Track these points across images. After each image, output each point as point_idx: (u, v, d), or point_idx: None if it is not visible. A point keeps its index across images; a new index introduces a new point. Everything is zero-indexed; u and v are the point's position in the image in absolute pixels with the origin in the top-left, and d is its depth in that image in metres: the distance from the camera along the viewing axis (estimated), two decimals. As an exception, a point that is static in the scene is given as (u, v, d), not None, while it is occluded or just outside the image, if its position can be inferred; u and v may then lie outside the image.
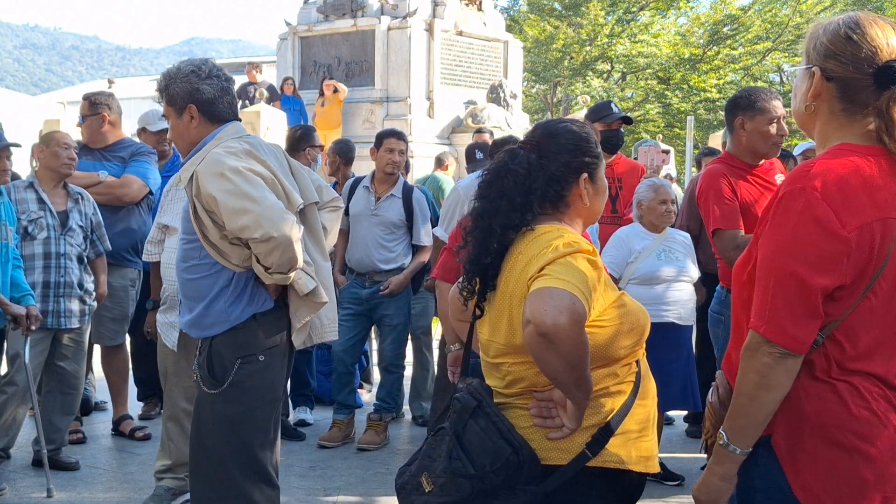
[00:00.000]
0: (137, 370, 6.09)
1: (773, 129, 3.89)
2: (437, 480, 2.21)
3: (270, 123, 12.45)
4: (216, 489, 3.25)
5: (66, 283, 4.91)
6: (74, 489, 4.74)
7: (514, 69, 16.01)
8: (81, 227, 5.04)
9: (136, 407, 6.14)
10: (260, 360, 3.22)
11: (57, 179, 5.03)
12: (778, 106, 3.93)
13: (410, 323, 5.92)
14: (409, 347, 6.12)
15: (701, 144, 20.84)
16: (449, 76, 15.02)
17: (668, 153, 6.83)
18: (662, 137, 22.70)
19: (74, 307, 4.97)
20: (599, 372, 2.20)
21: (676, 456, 5.49)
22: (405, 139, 5.83)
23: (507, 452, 2.15)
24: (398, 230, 5.67)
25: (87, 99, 5.82)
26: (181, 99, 3.27)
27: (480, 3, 15.68)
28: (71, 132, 6.00)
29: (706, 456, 2.14)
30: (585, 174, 2.33)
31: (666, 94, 28.32)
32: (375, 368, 6.54)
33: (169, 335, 4.31)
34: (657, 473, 4.94)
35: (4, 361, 4.85)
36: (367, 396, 6.67)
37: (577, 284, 2.07)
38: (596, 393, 2.19)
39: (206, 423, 3.27)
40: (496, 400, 2.27)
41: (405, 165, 6.42)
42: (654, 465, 2.32)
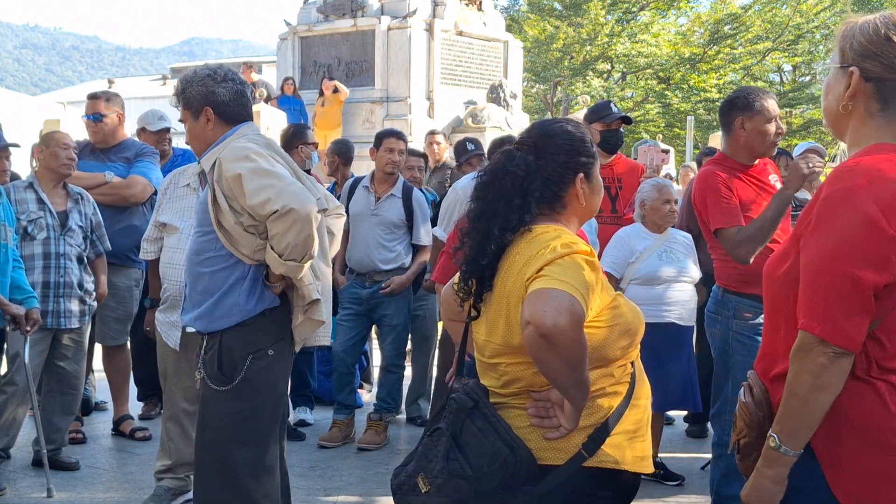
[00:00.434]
0: (137, 370, 6.09)
1: (771, 127, 3.90)
2: (434, 481, 2.21)
3: (270, 123, 12.46)
4: (220, 487, 3.25)
5: (65, 283, 4.91)
6: (74, 489, 4.74)
7: (514, 69, 16.01)
8: (81, 227, 5.04)
9: (136, 407, 6.15)
10: (269, 354, 3.26)
11: (56, 180, 5.02)
12: (774, 105, 3.94)
13: (411, 323, 5.92)
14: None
15: (701, 144, 20.85)
16: (449, 76, 15.02)
17: (667, 153, 6.83)
18: (662, 137, 22.70)
19: (74, 307, 4.97)
20: (596, 373, 2.20)
21: (676, 456, 5.49)
22: (405, 139, 5.83)
23: (504, 453, 2.15)
24: (398, 230, 5.67)
25: (104, 97, 5.80)
26: (197, 102, 3.37)
27: (480, 3, 15.68)
28: (71, 132, 5.98)
29: (738, 457, 2.12)
30: (582, 174, 2.33)
31: (666, 94, 28.32)
32: (376, 369, 6.54)
33: (170, 335, 4.31)
34: (657, 473, 4.98)
35: (4, 361, 4.85)
36: (367, 396, 6.68)
37: (575, 285, 2.08)
38: (592, 393, 2.19)
39: (212, 420, 3.27)
40: (492, 400, 2.27)
41: (420, 172, 6.45)
42: (648, 465, 2.32)
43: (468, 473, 2.17)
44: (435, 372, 6.29)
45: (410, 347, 6.34)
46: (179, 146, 6.52)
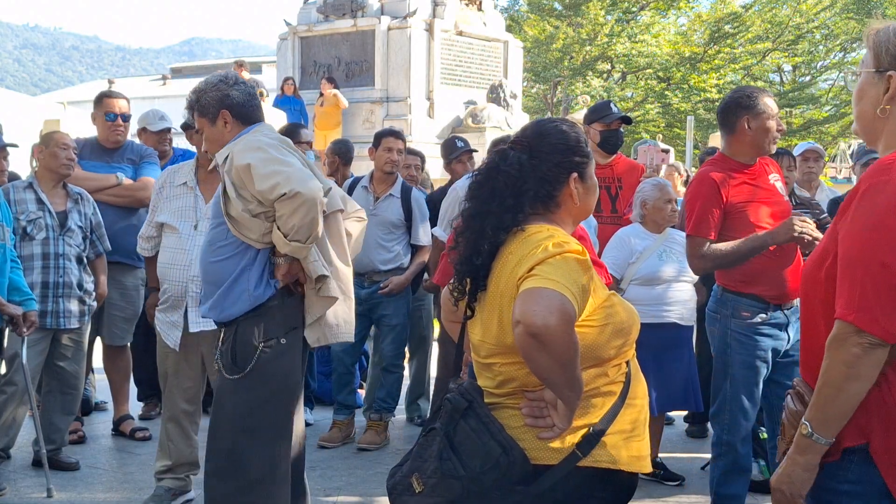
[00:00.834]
0: (137, 370, 6.09)
1: (773, 125, 3.94)
2: (427, 481, 2.22)
3: (270, 123, 12.44)
4: (230, 478, 3.30)
5: (65, 283, 4.91)
6: (74, 489, 4.74)
7: (514, 69, 16.02)
8: (81, 227, 5.03)
9: (136, 407, 6.15)
10: (282, 343, 3.33)
11: (56, 180, 5.02)
12: (774, 104, 3.99)
13: (410, 323, 5.92)
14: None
15: (701, 144, 20.85)
16: (449, 76, 15.03)
17: (667, 153, 6.82)
18: (662, 137, 22.70)
19: (74, 307, 4.97)
20: (590, 372, 2.20)
21: (676, 456, 5.48)
22: (403, 138, 5.83)
23: (497, 453, 2.15)
24: (397, 230, 5.67)
25: (123, 97, 5.84)
26: (213, 107, 3.47)
27: (480, 3, 15.69)
28: (71, 132, 5.98)
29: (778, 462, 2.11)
30: (576, 174, 2.33)
31: (666, 93, 28.32)
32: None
33: (170, 335, 4.31)
34: (658, 473, 4.98)
35: (4, 361, 4.85)
36: (366, 396, 6.66)
37: (566, 284, 2.07)
38: (586, 393, 2.19)
39: (225, 409, 3.34)
40: (487, 400, 2.27)
41: (422, 181, 6.44)
42: (645, 465, 2.31)
43: (461, 474, 2.17)
44: (434, 371, 6.30)
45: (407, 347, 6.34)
46: (179, 146, 6.52)
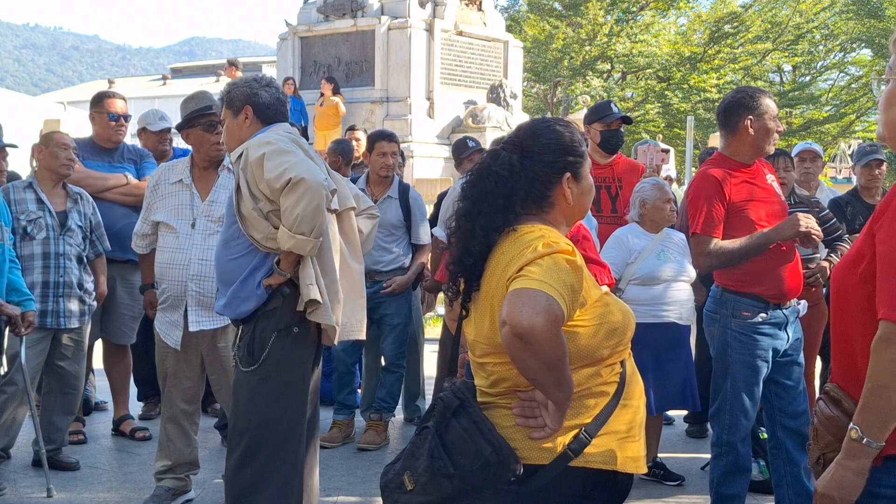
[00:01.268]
0: (137, 370, 6.09)
1: (774, 126, 3.95)
2: (418, 479, 2.22)
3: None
4: (247, 467, 3.38)
5: (65, 283, 4.91)
6: (74, 489, 4.75)
7: (514, 69, 16.01)
8: (81, 227, 5.04)
9: (136, 407, 6.15)
10: (294, 331, 3.42)
11: (56, 180, 5.02)
12: (774, 104, 4.01)
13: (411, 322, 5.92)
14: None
15: (701, 144, 20.85)
16: (449, 76, 15.03)
17: (667, 153, 6.82)
18: (662, 137, 22.69)
19: (74, 307, 4.97)
20: (582, 372, 2.20)
21: (676, 456, 5.49)
22: (396, 140, 5.80)
23: (486, 452, 2.15)
24: (397, 231, 5.67)
25: (122, 98, 5.86)
26: (239, 101, 3.58)
27: (480, 3, 15.68)
28: (71, 132, 5.99)
29: (820, 469, 2.07)
30: (569, 174, 2.32)
31: (666, 93, 28.31)
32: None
33: (170, 334, 4.31)
34: (657, 473, 4.99)
35: (4, 361, 4.86)
36: (366, 396, 6.66)
37: (554, 285, 2.07)
38: (579, 393, 2.19)
39: (242, 402, 3.44)
40: (481, 399, 2.28)
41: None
42: (640, 466, 2.30)
43: (451, 472, 2.17)
44: (427, 371, 6.31)
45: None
46: (179, 146, 6.52)
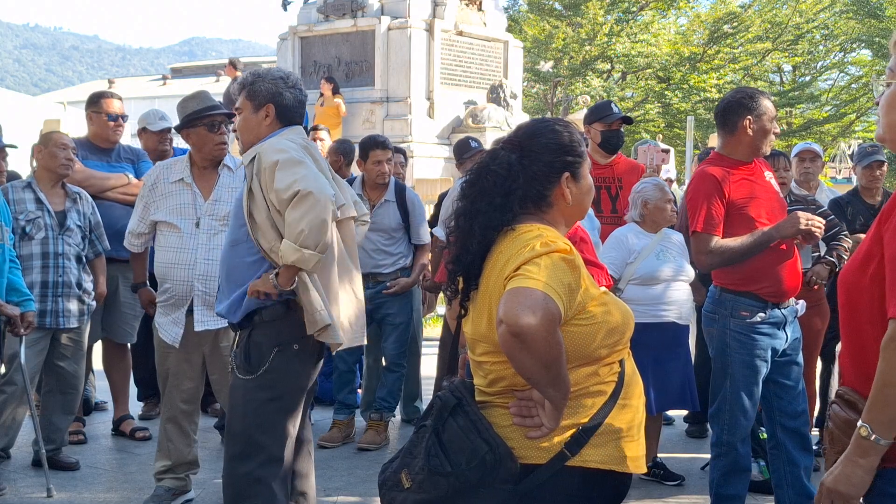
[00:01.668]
0: (137, 370, 6.09)
1: (771, 126, 3.97)
2: (415, 477, 2.23)
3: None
4: (243, 470, 3.39)
5: (64, 282, 4.91)
6: (74, 489, 4.75)
7: (514, 69, 16.01)
8: (80, 226, 5.04)
9: (136, 407, 6.15)
10: (294, 348, 3.43)
11: (55, 179, 5.02)
12: (773, 105, 4.03)
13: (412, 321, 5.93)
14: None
15: (701, 145, 20.84)
16: (449, 76, 15.02)
17: (667, 153, 6.82)
18: (662, 137, 22.69)
19: (73, 307, 4.97)
20: (580, 371, 2.20)
21: (676, 456, 5.49)
22: (390, 146, 5.75)
23: (483, 451, 2.16)
24: (396, 233, 5.67)
25: (120, 98, 5.86)
26: (262, 96, 3.52)
27: (480, 3, 15.67)
28: (71, 132, 5.99)
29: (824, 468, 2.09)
30: (567, 173, 2.33)
31: (666, 93, 28.29)
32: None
33: (170, 331, 4.31)
34: (657, 473, 4.99)
35: (4, 361, 4.85)
36: (366, 396, 6.66)
37: (551, 284, 2.07)
38: (576, 392, 2.19)
39: (239, 408, 3.45)
40: (478, 398, 2.28)
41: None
42: (639, 465, 2.30)
43: (448, 470, 2.18)
44: (426, 372, 6.31)
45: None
46: (180, 146, 6.52)
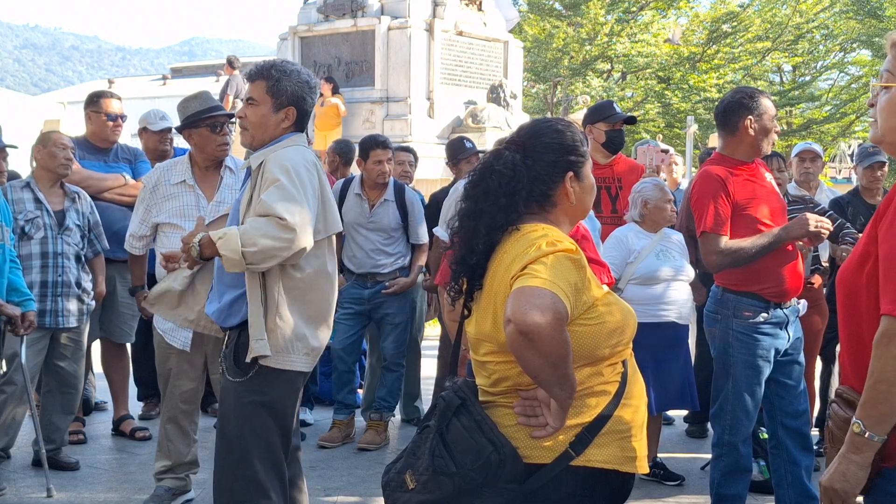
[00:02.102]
0: (137, 370, 6.09)
1: (772, 125, 3.98)
2: (419, 478, 2.23)
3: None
4: (236, 474, 3.35)
5: (63, 282, 4.91)
6: (74, 489, 4.74)
7: (514, 69, 15.99)
8: (79, 226, 5.04)
9: (136, 407, 6.15)
10: None
11: (54, 179, 5.02)
12: (772, 105, 4.04)
13: (412, 321, 5.93)
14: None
15: (701, 145, 20.84)
16: (449, 76, 15.01)
17: (667, 153, 6.81)
18: (662, 137, 22.69)
19: (72, 306, 4.96)
20: (584, 371, 2.20)
21: (676, 456, 5.49)
22: (390, 146, 5.75)
23: (488, 451, 2.16)
24: (395, 233, 5.68)
25: (119, 98, 5.85)
26: (286, 97, 3.36)
27: (480, 3, 15.67)
28: (71, 132, 5.99)
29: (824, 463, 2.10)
30: (571, 173, 2.34)
31: (666, 93, 28.28)
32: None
33: (178, 335, 4.29)
34: (658, 473, 4.98)
35: (3, 361, 4.85)
36: (366, 396, 6.66)
37: (558, 283, 2.08)
38: (580, 392, 2.19)
39: (230, 411, 3.40)
40: (482, 398, 2.29)
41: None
42: (641, 465, 2.31)
43: (452, 471, 2.18)
44: (426, 372, 6.31)
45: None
46: (180, 146, 6.52)
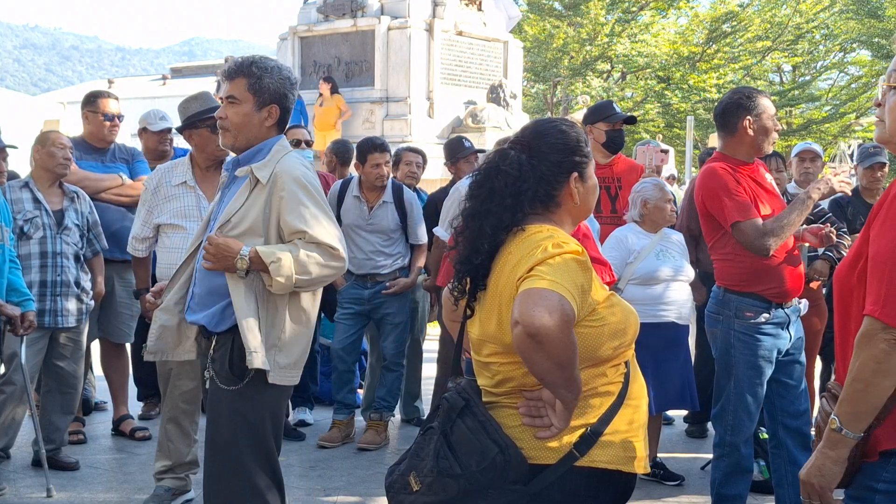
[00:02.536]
0: (137, 370, 6.09)
1: (772, 125, 3.97)
2: (424, 480, 2.22)
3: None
4: (232, 482, 3.29)
5: (62, 282, 4.91)
6: (74, 489, 4.74)
7: (513, 69, 15.99)
8: (78, 225, 5.03)
9: (135, 407, 6.14)
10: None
11: (52, 179, 5.02)
12: (772, 104, 4.03)
13: (413, 321, 5.93)
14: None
15: (701, 145, 20.84)
16: (449, 76, 15.01)
17: (666, 153, 6.81)
18: (662, 137, 22.68)
19: (72, 306, 4.96)
20: (588, 372, 2.20)
21: (676, 456, 5.49)
22: (388, 149, 5.73)
23: (493, 452, 2.16)
24: (394, 234, 5.68)
25: (116, 98, 5.84)
26: (269, 94, 3.23)
27: (480, 3, 15.67)
28: (71, 132, 5.99)
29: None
30: (575, 173, 2.34)
31: (666, 93, 28.28)
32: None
33: None
34: (658, 473, 4.98)
35: (3, 361, 4.85)
36: (366, 396, 6.66)
37: (565, 285, 2.08)
38: (584, 393, 2.19)
39: (222, 419, 3.30)
40: (485, 399, 2.28)
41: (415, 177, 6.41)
42: (643, 465, 2.31)
43: (457, 472, 2.17)
44: (426, 372, 6.31)
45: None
46: (180, 146, 6.52)
